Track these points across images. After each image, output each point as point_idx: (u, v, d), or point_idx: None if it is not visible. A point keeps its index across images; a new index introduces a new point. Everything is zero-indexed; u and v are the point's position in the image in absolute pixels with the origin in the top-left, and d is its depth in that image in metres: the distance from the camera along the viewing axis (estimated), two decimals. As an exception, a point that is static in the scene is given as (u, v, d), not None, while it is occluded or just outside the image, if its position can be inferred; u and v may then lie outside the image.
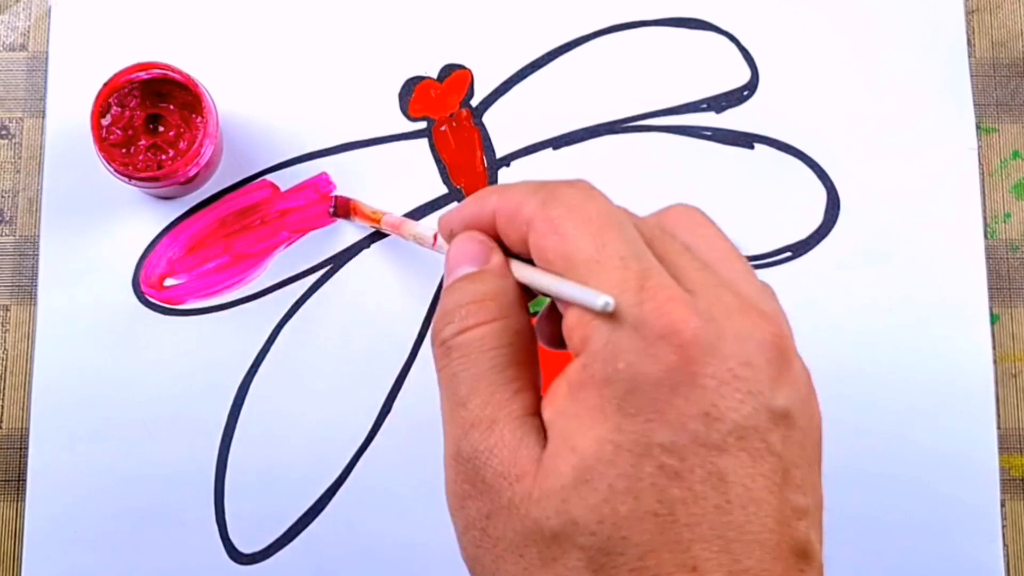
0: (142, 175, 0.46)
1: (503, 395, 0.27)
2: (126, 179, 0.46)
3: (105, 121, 0.47)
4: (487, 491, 0.26)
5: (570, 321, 0.27)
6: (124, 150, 0.47)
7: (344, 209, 0.49)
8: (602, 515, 0.25)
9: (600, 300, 0.25)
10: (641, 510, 0.25)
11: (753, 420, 0.25)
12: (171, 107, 0.48)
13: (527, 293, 0.29)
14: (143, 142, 0.47)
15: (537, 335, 0.30)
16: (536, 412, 0.27)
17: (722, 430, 0.25)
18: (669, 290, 0.25)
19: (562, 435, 0.26)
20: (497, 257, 0.29)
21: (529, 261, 0.29)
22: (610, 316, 0.25)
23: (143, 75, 0.47)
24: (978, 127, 0.52)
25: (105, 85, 0.46)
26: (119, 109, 0.47)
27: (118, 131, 0.47)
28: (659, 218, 0.29)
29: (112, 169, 0.46)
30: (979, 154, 0.51)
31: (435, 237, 0.39)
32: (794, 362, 0.27)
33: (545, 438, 0.26)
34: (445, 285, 0.30)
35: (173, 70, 0.47)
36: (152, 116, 0.48)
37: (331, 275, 0.50)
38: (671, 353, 0.25)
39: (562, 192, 0.28)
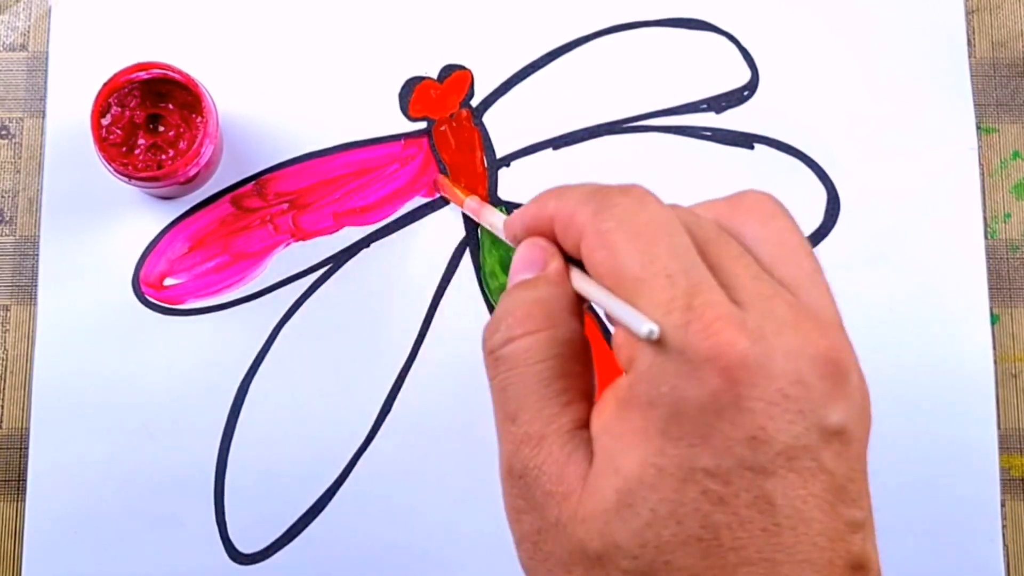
0: (142, 175, 0.46)
1: (552, 409, 0.27)
2: (126, 179, 0.46)
3: (105, 121, 0.47)
4: (537, 508, 0.26)
5: (618, 339, 0.26)
6: (124, 150, 0.47)
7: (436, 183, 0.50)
8: (645, 539, 0.24)
9: (645, 327, 0.24)
10: (684, 535, 0.24)
11: (804, 440, 0.24)
12: (171, 107, 0.48)
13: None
14: (143, 142, 0.47)
15: None
16: (587, 424, 0.27)
17: (769, 453, 0.24)
18: (717, 308, 0.25)
19: (607, 453, 0.26)
20: (555, 264, 0.29)
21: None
22: (656, 340, 0.25)
23: (143, 75, 0.47)
24: (978, 127, 0.52)
25: (105, 85, 0.46)
26: (119, 109, 0.47)
27: (118, 131, 0.47)
28: (728, 207, 0.29)
29: (112, 169, 0.46)
30: (979, 154, 0.51)
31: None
32: (851, 374, 0.26)
33: (593, 452, 0.26)
34: (505, 292, 0.30)
35: (173, 70, 0.47)
36: (152, 116, 0.48)
37: (331, 275, 0.50)
38: (715, 377, 0.24)
39: (615, 201, 0.27)
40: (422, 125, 0.51)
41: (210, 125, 0.47)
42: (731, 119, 0.51)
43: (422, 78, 0.51)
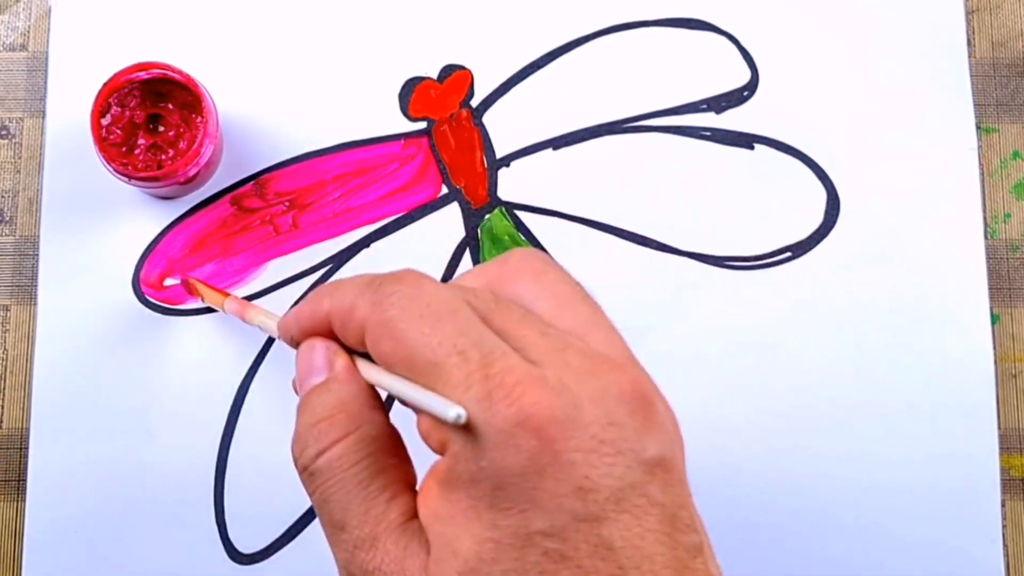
0: (142, 175, 0.46)
1: (377, 509, 0.27)
2: (126, 179, 0.46)
3: (105, 121, 0.47)
4: None
5: (424, 425, 0.26)
6: (124, 150, 0.47)
7: (188, 288, 0.48)
8: None
9: (452, 412, 0.24)
10: None
11: (628, 478, 0.25)
12: (171, 107, 0.48)
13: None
14: (143, 142, 0.47)
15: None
16: (415, 515, 0.27)
17: (599, 499, 0.24)
18: (515, 371, 0.25)
19: (441, 538, 0.26)
20: (341, 361, 0.29)
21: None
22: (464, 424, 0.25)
23: (143, 75, 0.47)
24: (978, 127, 0.52)
25: (105, 85, 0.46)
26: (119, 109, 0.47)
27: (118, 131, 0.47)
28: (498, 270, 0.29)
29: (112, 169, 0.46)
30: (979, 154, 0.51)
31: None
32: (656, 403, 0.26)
33: (428, 541, 0.26)
34: (298, 402, 0.29)
35: (173, 70, 0.47)
36: (152, 116, 0.48)
37: (331, 275, 0.50)
38: (530, 439, 0.24)
39: (391, 289, 0.27)
40: (422, 125, 0.51)
41: (210, 125, 0.47)
42: (731, 119, 0.51)
43: (422, 78, 0.51)
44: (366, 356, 0.28)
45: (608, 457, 0.25)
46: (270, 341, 0.49)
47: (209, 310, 0.49)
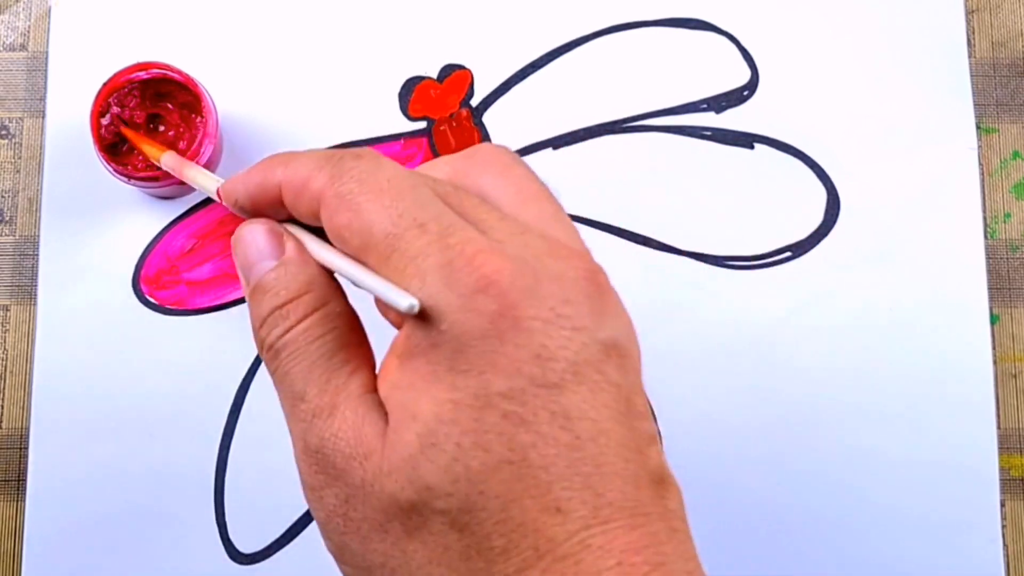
0: (142, 175, 0.46)
1: (338, 379, 0.27)
2: (126, 179, 0.46)
3: (105, 121, 0.47)
4: (340, 476, 0.26)
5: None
6: (124, 150, 0.47)
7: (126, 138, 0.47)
8: (455, 474, 0.24)
9: (405, 302, 0.24)
10: (493, 461, 0.24)
11: (584, 354, 0.25)
12: (171, 107, 0.48)
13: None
14: (143, 142, 0.47)
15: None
16: (375, 389, 0.27)
17: (557, 368, 0.25)
18: (476, 242, 0.25)
19: (401, 406, 0.25)
20: (291, 244, 0.29)
21: (322, 233, 0.28)
22: (422, 287, 0.25)
23: (143, 75, 0.47)
24: (978, 127, 0.52)
25: (105, 85, 0.46)
26: (119, 109, 0.47)
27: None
28: (464, 160, 0.29)
29: (112, 169, 0.46)
30: (979, 154, 0.51)
31: (219, 192, 0.35)
32: (611, 294, 0.27)
33: (387, 414, 0.26)
34: (247, 284, 0.29)
35: (173, 70, 0.47)
36: (152, 116, 0.48)
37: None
38: (491, 303, 0.24)
39: (350, 164, 0.27)
40: (422, 125, 0.51)
41: (210, 125, 0.47)
42: (731, 119, 0.51)
43: (422, 78, 0.51)
44: (313, 232, 0.28)
45: (565, 331, 0.25)
46: (270, 341, 0.49)
47: (209, 310, 0.49)
